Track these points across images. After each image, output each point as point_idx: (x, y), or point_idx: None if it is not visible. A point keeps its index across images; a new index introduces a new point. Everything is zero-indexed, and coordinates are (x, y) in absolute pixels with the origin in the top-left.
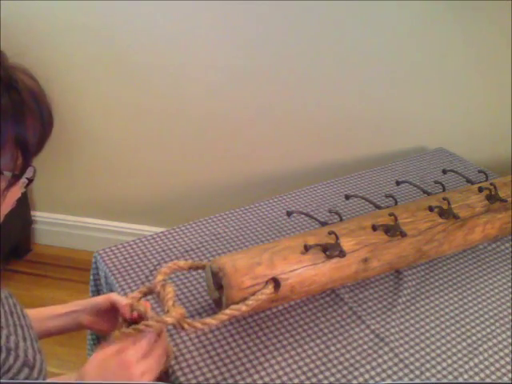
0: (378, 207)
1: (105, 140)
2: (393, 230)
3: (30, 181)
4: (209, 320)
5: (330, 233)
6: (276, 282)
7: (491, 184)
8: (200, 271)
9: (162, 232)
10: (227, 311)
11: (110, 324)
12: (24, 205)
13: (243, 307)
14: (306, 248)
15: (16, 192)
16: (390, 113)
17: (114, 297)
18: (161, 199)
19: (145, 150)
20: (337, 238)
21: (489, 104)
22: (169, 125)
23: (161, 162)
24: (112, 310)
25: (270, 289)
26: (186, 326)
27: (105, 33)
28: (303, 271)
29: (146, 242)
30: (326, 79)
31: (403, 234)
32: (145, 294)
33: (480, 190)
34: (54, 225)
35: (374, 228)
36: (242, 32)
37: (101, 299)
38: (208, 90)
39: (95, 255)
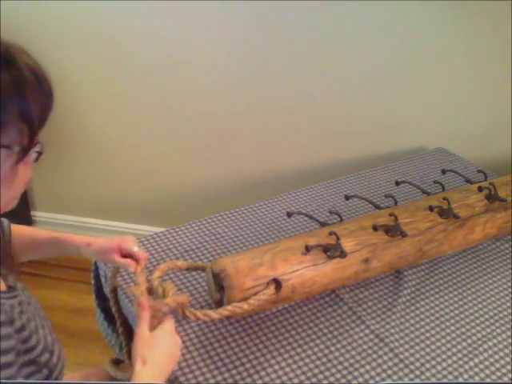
0: (378, 207)
1: (105, 140)
2: (393, 230)
3: (40, 154)
4: (210, 312)
5: (331, 233)
6: (277, 283)
7: (490, 184)
8: (200, 272)
9: (161, 232)
10: (229, 307)
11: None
12: (24, 205)
13: (245, 305)
14: (307, 249)
15: (27, 171)
16: (389, 113)
17: (126, 245)
18: (161, 199)
19: (145, 150)
20: (338, 238)
21: (488, 104)
22: (169, 125)
23: (161, 163)
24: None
25: (271, 289)
26: (187, 313)
27: (105, 34)
28: (304, 272)
29: (146, 242)
30: (326, 79)
31: (404, 234)
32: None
33: (479, 189)
34: (54, 225)
35: (375, 228)
36: (242, 32)
37: (113, 245)
38: (208, 90)
39: None
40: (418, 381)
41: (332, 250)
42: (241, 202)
